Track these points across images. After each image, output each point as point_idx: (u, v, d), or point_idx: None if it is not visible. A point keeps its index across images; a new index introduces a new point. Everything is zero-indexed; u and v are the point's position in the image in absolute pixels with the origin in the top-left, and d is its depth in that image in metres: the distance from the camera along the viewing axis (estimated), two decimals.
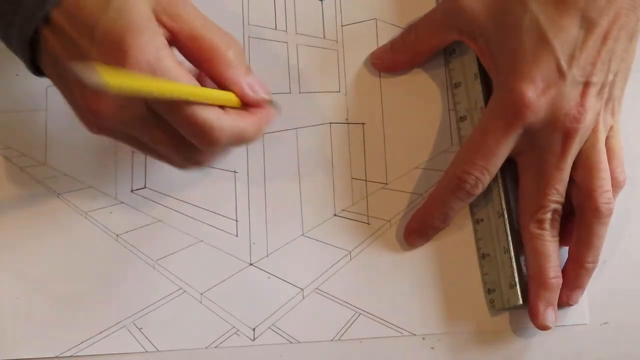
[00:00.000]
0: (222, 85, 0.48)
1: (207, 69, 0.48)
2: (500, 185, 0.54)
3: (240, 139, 0.48)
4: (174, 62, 0.45)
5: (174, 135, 0.47)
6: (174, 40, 0.47)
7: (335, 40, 0.59)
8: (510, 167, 0.54)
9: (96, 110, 0.45)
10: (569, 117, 0.51)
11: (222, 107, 0.47)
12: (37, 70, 0.49)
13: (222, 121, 0.46)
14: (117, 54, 0.43)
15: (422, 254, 0.56)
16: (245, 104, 0.48)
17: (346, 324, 0.54)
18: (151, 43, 0.44)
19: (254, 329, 0.54)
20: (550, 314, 0.53)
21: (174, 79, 0.44)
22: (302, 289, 0.55)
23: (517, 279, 0.53)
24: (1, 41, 0.49)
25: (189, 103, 0.44)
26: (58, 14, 0.45)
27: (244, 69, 0.48)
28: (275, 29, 0.58)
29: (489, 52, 0.53)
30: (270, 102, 0.49)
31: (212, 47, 0.47)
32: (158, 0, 0.46)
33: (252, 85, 0.48)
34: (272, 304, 0.54)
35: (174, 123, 0.46)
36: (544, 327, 0.53)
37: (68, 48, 0.45)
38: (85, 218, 0.55)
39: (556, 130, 0.51)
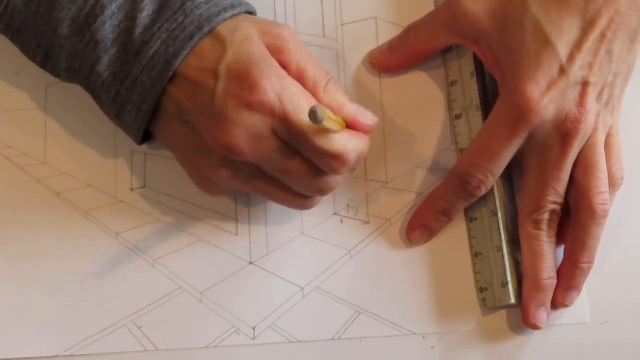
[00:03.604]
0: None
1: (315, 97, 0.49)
2: (495, 184, 0.54)
3: (360, 159, 0.50)
4: (297, 88, 0.48)
5: (304, 163, 0.48)
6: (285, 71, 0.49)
7: (335, 39, 0.59)
8: (506, 167, 0.54)
9: (231, 144, 0.47)
10: (570, 117, 0.51)
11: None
12: (143, 139, 0.52)
13: (350, 145, 0.48)
14: (246, 85, 0.46)
15: (422, 253, 0.56)
16: (356, 129, 0.50)
17: (346, 323, 0.54)
18: (274, 73, 0.47)
19: (254, 328, 0.54)
20: (541, 314, 0.53)
21: (300, 105, 0.47)
22: (302, 288, 0.55)
23: (509, 278, 0.54)
24: (113, 121, 0.51)
25: (320, 131, 0.47)
26: (181, 69, 0.48)
27: (347, 97, 0.50)
28: None
29: (492, 55, 0.53)
30: (376, 125, 0.51)
31: (315, 78, 0.49)
32: (267, 37, 0.49)
33: (361, 111, 0.50)
34: (272, 303, 0.54)
35: (308, 152, 0.48)
36: (534, 327, 0.54)
37: (192, 94, 0.48)
38: (85, 217, 0.55)
39: (557, 130, 0.51)
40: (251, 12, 0.52)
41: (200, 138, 0.48)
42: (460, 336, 0.55)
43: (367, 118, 0.50)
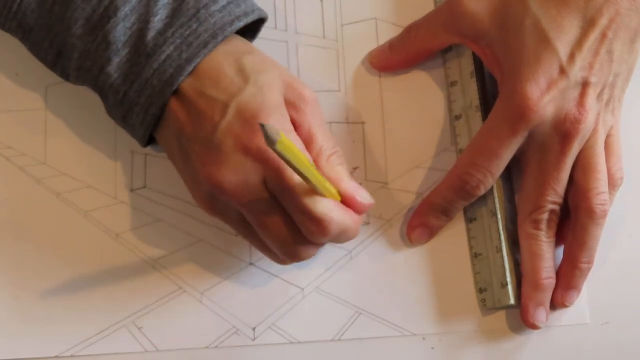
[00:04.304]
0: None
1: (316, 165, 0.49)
2: (495, 184, 0.54)
3: (343, 236, 0.48)
4: (299, 145, 0.47)
5: (284, 223, 0.48)
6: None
7: (335, 39, 0.59)
8: (505, 167, 0.54)
9: (218, 182, 0.46)
10: (569, 118, 0.51)
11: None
12: (147, 142, 0.51)
13: (334, 213, 0.47)
14: (248, 127, 0.46)
15: (422, 254, 0.56)
16: (350, 206, 0.49)
17: (346, 323, 0.54)
18: (280, 125, 0.47)
19: (254, 329, 0.54)
20: (540, 314, 0.53)
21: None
22: (302, 289, 0.55)
23: (508, 279, 0.54)
24: (118, 123, 0.51)
25: (308, 191, 0.46)
26: (189, 86, 0.48)
27: (348, 173, 0.50)
28: (275, 28, 0.58)
29: (492, 55, 0.53)
30: (369, 207, 0.50)
31: (322, 146, 0.49)
32: (289, 91, 0.49)
33: (359, 190, 0.49)
34: (272, 304, 0.54)
35: (291, 209, 0.47)
36: (533, 327, 0.54)
37: (195, 121, 0.47)
38: (85, 217, 0.55)
39: (556, 130, 0.51)
40: (263, 18, 0.52)
41: (192, 165, 0.48)
42: (460, 337, 0.55)
43: (363, 197, 0.49)
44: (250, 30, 0.53)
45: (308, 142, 0.49)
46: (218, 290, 0.54)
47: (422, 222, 0.55)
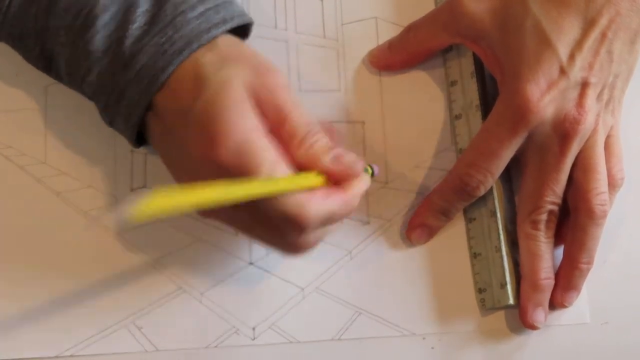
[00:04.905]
0: (303, 165, 0.46)
1: (290, 151, 0.46)
2: (494, 184, 0.54)
3: (331, 220, 0.46)
4: (262, 144, 0.44)
5: (267, 230, 0.46)
6: (263, 119, 0.46)
7: (336, 39, 0.59)
8: (505, 167, 0.54)
9: None
10: (569, 118, 0.51)
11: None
12: (141, 143, 0.50)
13: (307, 208, 0.44)
14: (206, 139, 0.44)
15: (422, 253, 0.56)
16: (335, 181, 0.46)
17: (346, 323, 0.54)
18: (240, 126, 0.44)
19: (254, 329, 0.54)
20: (539, 314, 0.53)
21: (260, 162, 0.43)
22: (302, 289, 0.55)
23: (507, 279, 0.54)
24: (109, 126, 0.50)
25: (272, 194, 0.43)
26: (160, 99, 0.47)
27: (326, 148, 0.46)
28: (275, 27, 0.58)
29: (492, 55, 0.53)
30: (359, 172, 0.47)
31: (294, 130, 0.46)
32: (255, 78, 0.45)
33: (338, 160, 0.46)
34: (272, 304, 0.54)
35: (260, 214, 0.45)
36: (531, 327, 0.54)
37: (166, 134, 0.47)
38: (85, 217, 0.55)
39: (556, 131, 0.51)
40: (248, 24, 0.50)
41: (174, 177, 0.48)
42: (461, 337, 0.55)
43: (344, 164, 0.46)
44: (242, 34, 0.51)
45: (279, 127, 0.46)
46: (218, 290, 0.54)
47: (422, 222, 0.55)
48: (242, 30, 0.50)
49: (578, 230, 0.53)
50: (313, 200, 0.44)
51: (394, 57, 0.58)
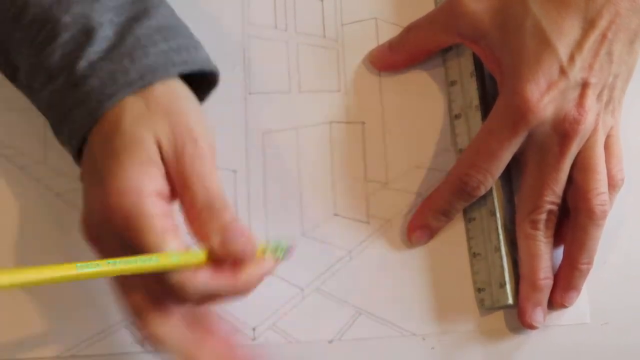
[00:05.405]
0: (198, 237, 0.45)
1: (187, 220, 0.45)
2: (494, 184, 0.54)
3: (216, 300, 0.45)
4: (154, 211, 0.43)
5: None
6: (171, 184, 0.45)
7: (336, 39, 0.59)
8: (505, 167, 0.54)
9: (81, 228, 0.47)
10: (568, 118, 0.51)
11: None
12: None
13: (188, 284, 0.43)
14: (101, 192, 0.44)
15: (422, 254, 0.56)
16: (215, 262, 0.44)
17: (346, 323, 0.54)
18: (135, 188, 0.43)
19: (254, 329, 0.54)
20: (537, 314, 0.53)
21: (148, 229, 0.43)
22: (303, 289, 0.55)
23: (507, 279, 0.54)
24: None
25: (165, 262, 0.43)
26: (93, 135, 0.46)
27: (217, 227, 0.44)
28: (275, 27, 0.58)
29: (492, 55, 0.53)
30: (249, 257, 0.45)
31: (191, 202, 0.45)
32: (170, 141, 0.45)
33: (223, 243, 0.44)
34: (273, 304, 0.54)
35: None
36: (530, 327, 0.54)
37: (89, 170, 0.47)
38: None
39: (555, 131, 0.51)
40: (210, 71, 0.49)
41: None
42: (460, 337, 0.55)
43: (230, 250, 0.44)
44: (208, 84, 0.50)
45: (182, 195, 0.45)
46: None
47: (422, 223, 0.55)
48: (206, 80, 0.49)
49: (578, 231, 0.53)
50: (194, 277, 0.43)
51: (394, 57, 0.58)
